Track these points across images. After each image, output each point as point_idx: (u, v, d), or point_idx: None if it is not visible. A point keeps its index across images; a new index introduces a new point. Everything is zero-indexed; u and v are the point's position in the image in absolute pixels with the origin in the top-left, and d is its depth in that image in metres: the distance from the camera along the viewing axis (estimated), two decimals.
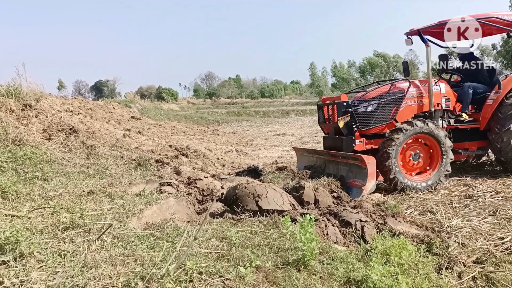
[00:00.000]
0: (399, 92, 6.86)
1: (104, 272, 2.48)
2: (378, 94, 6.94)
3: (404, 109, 6.82)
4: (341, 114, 6.76)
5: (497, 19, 6.79)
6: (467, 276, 3.32)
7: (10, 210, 3.45)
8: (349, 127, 6.74)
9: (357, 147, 6.67)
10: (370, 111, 6.83)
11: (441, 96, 7.07)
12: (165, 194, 4.63)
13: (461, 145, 7.11)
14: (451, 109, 7.21)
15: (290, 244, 3.25)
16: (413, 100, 6.90)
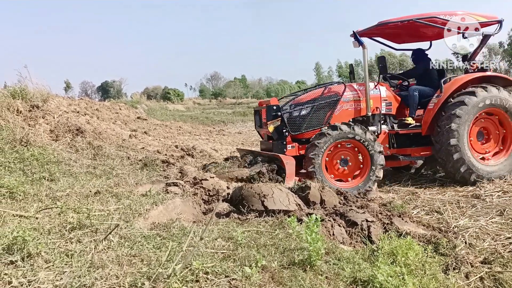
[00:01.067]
0: (334, 96, 6.72)
1: (111, 272, 2.49)
2: (312, 97, 6.80)
3: (340, 113, 6.66)
4: (271, 118, 6.59)
5: (438, 19, 6.55)
6: (474, 276, 3.30)
7: (18, 211, 3.48)
8: (279, 132, 6.56)
9: (289, 152, 6.48)
10: (302, 115, 6.70)
11: (381, 100, 6.84)
12: (171, 194, 4.64)
13: (403, 150, 6.87)
14: (393, 113, 6.98)
15: (296, 244, 3.25)
16: (350, 104, 6.73)
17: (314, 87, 7.20)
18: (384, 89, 6.97)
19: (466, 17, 6.55)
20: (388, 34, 7.64)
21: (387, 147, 6.79)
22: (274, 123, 6.57)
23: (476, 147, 6.67)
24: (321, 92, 6.79)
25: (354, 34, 6.70)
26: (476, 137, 6.68)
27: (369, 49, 7.86)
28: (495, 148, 6.77)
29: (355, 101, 6.75)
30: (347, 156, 6.33)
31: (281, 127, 6.56)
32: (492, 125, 6.75)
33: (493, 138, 6.76)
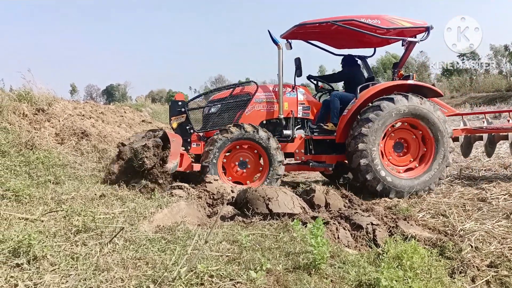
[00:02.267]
0: (245, 96, 6.60)
1: (116, 275, 2.50)
2: (222, 96, 6.69)
3: (251, 113, 6.54)
4: (175, 114, 6.41)
5: (358, 23, 6.28)
6: (480, 280, 3.28)
7: (24, 214, 3.50)
8: (182, 129, 6.38)
9: (193, 150, 6.36)
10: (211, 113, 6.59)
11: (297, 103, 6.68)
12: (175, 197, 4.65)
13: (318, 157, 6.67)
14: (311, 118, 6.81)
15: (301, 247, 3.24)
16: (262, 105, 6.58)
17: (227, 86, 6.98)
18: (302, 92, 6.81)
19: (390, 22, 6.31)
20: (325, 38, 7.40)
21: (303, 152, 6.61)
22: (178, 119, 6.38)
23: (391, 158, 6.38)
24: (232, 91, 6.65)
25: (269, 34, 6.41)
26: (394, 148, 6.39)
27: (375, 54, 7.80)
28: (412, 162, 6.41)
29: (267, 102, 6.59)
30: (246, 158, 6.17)
31: (186, 124, 6.40)
32: (413, 139, 6.41)
33: (412, 151, 6.40)
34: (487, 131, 7.07)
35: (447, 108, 7.30)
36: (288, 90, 6.71)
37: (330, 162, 6.61)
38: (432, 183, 6.20)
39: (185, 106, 6.42)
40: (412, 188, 6.09)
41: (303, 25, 6.44)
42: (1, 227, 3.10)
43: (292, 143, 6.60)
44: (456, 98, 28.35)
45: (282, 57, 6.46)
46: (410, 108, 6.10)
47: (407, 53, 6.84)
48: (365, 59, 7.76)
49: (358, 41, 7.37)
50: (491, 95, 26.28)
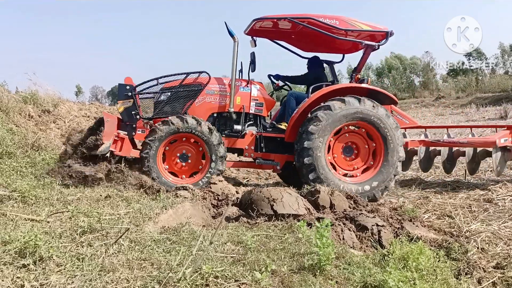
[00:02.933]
0: (196, 86, 6.42)
1: (121, 276, 2.51)
2: (173, 84, 6.48)
3: (201, 104, 6.39)
4: (122, 98, 6.22)
5: (315, 21, 6.09)
6: (487, 281, 3.26)
7: (30, 215, 3.52)
8: (129, 114, 6.20)
9: (138, 136, 6.22)
10: (159, 100, 6.43)
11: (250, 98, 6.52)
12: (180, 198, 4.66)
13: (267, 155, 6.51)
14: (264, 115, 6.66)
15: (306, 248, 3.24)
16: (213, 97, 6.42)
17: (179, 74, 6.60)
18: (256, 88, 6.63)
19: (349, 23, 6.16)
20: (292, 39, 7.25)
21: (253, 149, 6.48)
22: (124, 103, 6.21)
23: (340, 162, 6.20)
24: (183, 80, 6.44)
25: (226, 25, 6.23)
26: (344, 151, 6.22)
27: (378, 54, 7.71)
28: (363, 164, 6.21)
29: (219, 95, 6.45)
30: (189, 152, 6.03)
31: (132, 109, 6.22)
32: (363, 144, 6.21)
33: (362, 156, 6.21)
34: (444, 145, 6.92)
35: (409, 120, 7.10)
36: (242, 84, 6.56)
37: (278, 161, 6.50)
38: (378, 191, 5.98)
39: (132, 91, 6.22)
40: (357, 192, 5.80)
41: (260, 20, 6.26)
42: (7, 228, 3.12)
43: (242, 139, 6.49)
44: (462, 99, 28.23)
45: (237, 50, 6.29)
46: (361, 112, 5.92)
47: (365, 57, 6.62)
48: (332, 64, 7.60)
49: (325, 46, 7.23)
50: (497, 96, 26.13)
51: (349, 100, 5.95)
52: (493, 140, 6.32)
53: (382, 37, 6.42)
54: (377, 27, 6.34)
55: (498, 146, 6.24)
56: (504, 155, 6.36)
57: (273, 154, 6.53)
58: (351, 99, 5.97)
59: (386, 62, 41.27)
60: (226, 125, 6.54)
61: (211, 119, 6.46)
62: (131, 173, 5.37)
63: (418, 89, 35.81)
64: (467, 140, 6.83)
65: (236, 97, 6.44)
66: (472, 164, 6.84)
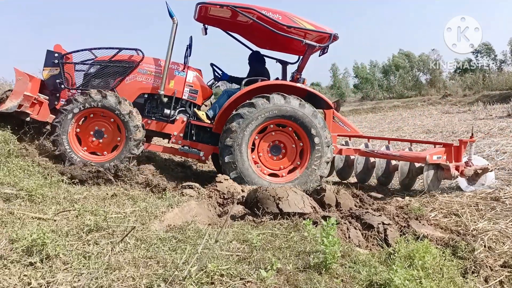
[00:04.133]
0: (129, 63, 6.28)
1: (127, 274, 2.52)
2: (105, 58, 6.29)
3: (131, 83, 6.23)
4: (49, 65, 6.01)
5: (257, 13, 5.93)
6: (493, 280, 3.24)
7: (37, 213, 3.54)
8: (54, 82, 6.04)
9: (60, 106, 5.95)
10: (88, 73, 6.25)
11: (184, 83, 6.37)
12: (186, 197, 4.67)
13: (194, 144, 6.35)
14: (197, 103, 6.51)
15: (311, 247, 3.23)
16: (145, 76, 6.27)
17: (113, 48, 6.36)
18: (193, 74, 6.49)
19: (292, 20, 6.04)
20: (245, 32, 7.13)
21: (181, 136, 6.36)
22: (51, 71, 6.02)
23: (266, 161, 6.10)
24: (114, 55, 6.25)
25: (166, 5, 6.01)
26: (270, 150, 6.07)
27: (386, 52, 7.63)
28: (290, 164, 6.12)
29: (153, 76, 6.28)
30: (103, 127, 5.86)
31: (57, 78, 6.05)
32: (289, 140, 6.12)
33: (289, 156, 6.11)
34: (377, 156, 6.72)
35: (351, 128, 6.85)
36: (178, 68, 6.42)
37: (204, 151, 6.32)
38: None
39: (60, 59, 6.03)
40: None
41: (203, 4, 6.09)
42: (15, 226, 3.14)
43: (171, 125, 6.36)
44: (469, 97, 27.98)
45: (175, 32, 6.13)
46: (286, 109, 5.85)
47: (306, 56, 6.46)
48: (286, 64, 7.45)
49: (278, 44, 7.12)
50: (505, 93, 25.86)
51: (274, 97, 5.85)
52: (423, 156, 6.18)
53: (325, 39, 6.30)
54: (321, 27, 6.21)
55: (429, 163, 6.09)
56: (437, 173, 6.19)
57: (201, 144, 6.39)
58: (276, 96, 5.87)
59: (393, 60, 40.97)
60: (157, 108, 6.38)
61: (141, 100, 6.32)
62: (138, 172, 5.41)
63: (425, 87, 35.53)
64: (400, 153, 6.67)
65: (170, 81, 6.29)
66: (406, 180, 6.67)
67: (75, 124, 5.72)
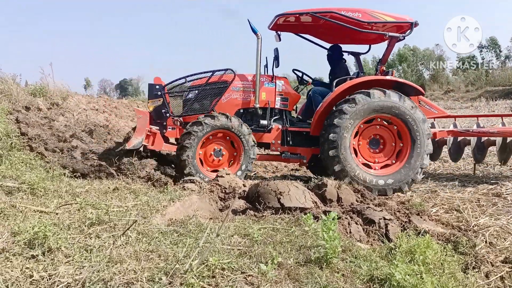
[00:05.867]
0: (222, 83, 6.60)
1: (129, 267, 2.52)
2: (199, 83, 6.67)
3: (227, 101, 6.55)
4: (152, 97, 6.46)
5: (337, 15, 6.13)
6: (494, 276, 3.24)
7: (39, 206, 3.55)
8: (159, 112, 6.42)
9: (169, 133, 6.43)
10: (187, 99, 6.60)
11: (275, 94, 6.62)
12: (188, 191, 4.68)
13: (293, 149, 6.64)
14: (289, 110, 6.76)
15: (312, 241, 3.24)
16: (239, 93, 6.58)
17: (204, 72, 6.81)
18: (281, 83, 6.71)
19: (372, 16, 6.13)
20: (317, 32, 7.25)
21: (279, 143, 6.62)
22: (154, 102, 6.45)
23: (364, 152, 6.24)
24: (209, 78, 6.61)
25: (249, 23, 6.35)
26: (370, 144, 6.24)
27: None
28: (386, 160, 6.24)
29: (244, 91, 6.59)
30: (221, 146, 6.20)
31: (162, 108, 6.43)
32: (390, 137, 6.23)
33: (387, 149, 6.24)
34: (473, 134, 6.76)
35: (437, 109, 7.01)
36: (267, 80, 6.65)
37: (304, 155, 6.61)
38: (404, 183, 5.99)
39: (161, 90, 6.42)
40: (382, 185, 5.94)
41: (282, 15, 6.33)
42: (17, 219, 3.15)
43: (268, 134, 6.60)
44: (471, 92, 27.93)
45: (261, 47, 6.38)
46: (387, 104, 5.95)
47: (389, 48, 6.60)
48: (358, 55, 7.62)
49: (350, 38, 7.22)
50: (508, 89, 25.80)
51: (374, 93, 5.97)
52: None
53: (406, 28, 6.40)
54: (401, 18, 6.33)
55: None
56: None
57: (300, 148, 6.65)
58: (376, 91, 6.00)
59: (399, 54, 40.76)
60: (253, 120, 6.65)
61: (238, 115, 6.55)
62: (139, 166, 5.42)
63: (428, 82, 35.38)
64: (497, 130, 6.66)
65: (261, 93, 6.56)
66: (503, 154, 6.71)
67: (201, 145, 6.02)
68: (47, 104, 8.36)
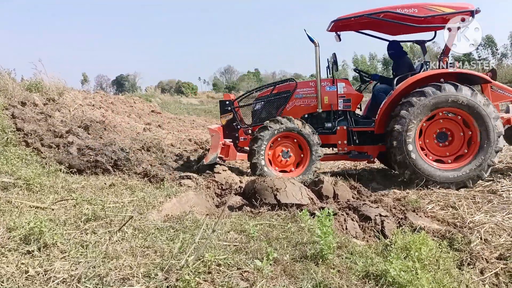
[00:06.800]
0: (285, 92, 6.99)
1: (125, 263, 2.53)
2: (265, 94, 7.18)
3: (291, 109, 6.89)
4: (224, 112, 7.06)
5: (393, 14, 6.21)
6: (489, 272, 3.26)
7: (35, 202, 3.54)
8: (230, 125, 6.99)
9: (241, 143, 6.95)
10: (255, 110, 7.12)
11: (337, 96, 6.80)
12: (184, 187, 4.68)
13: (360, 148, 6.82)
14: (352, 110, 6.91)
15: (308, 237, 3.25)
16: (302, 100, 6.91)
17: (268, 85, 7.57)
18: (342, 85, 6.88)
19: (428, 9, 6.11)
20: (378, 27, 7.27)
21: (346, 143, 6.81)
22: (226, 116, 7.01)
23: (432, 148, 6.26)
24: (273, 89, 7.11)
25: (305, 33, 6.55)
26: (437, 137, 6.24)
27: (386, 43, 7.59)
28: (457, 151, 6.22)
29: (307, 97, 6.90)
30: (288, 148, 6.48)
31: (233, 121, 6.97)
32: (456, 126, 6.21)
33: (455, 144, 6.22)
34: None
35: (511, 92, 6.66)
36: (328, 84, 6.86)
37: (371, 153, 6.80)
38: (469, 180, 5.97)
39: (231, 105, 7.00)
40: (444, 179, 5.99)
41: (339, 20, 6.53)
42: (12, 215, 3.14)
43: (334, 135, 6.84)
44: None
45: (319, 54, 6.65)
46: (458, 98, 5.90)
47: (451, 38, 6.50)
48: (423, 43, 7.52)
49: (413, 27, 7.00)
50: None
51: (445, 86, 5.96)
52: None
53: (467, 16, 6.30)
54: (461, 7, 6.26)
55: None
56: None
57: (366, 146, 6.82)
58: (447, 85, 5.98)
59: None
60: (318, 124, 6.92)
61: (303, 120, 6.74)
62: (136, 162, 5.41)
63: None
64: None
65: (324, 97, 6.80)
66: None
67: (268, 147, 6.40)
68: (43, 99, 8.32)
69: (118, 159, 5.32)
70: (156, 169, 5.52)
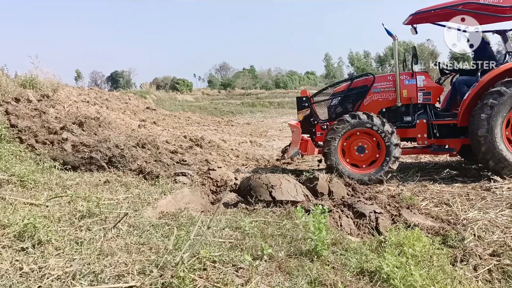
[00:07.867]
0: (362, 87, 6.95)
1: (119, 260, 2.52)
2: (341, 89, 7.15)
3: (369, 103, 6.86)
4: (300, 108, 7.16)
5: (476, 5, 6.13)
6: (482, 268, 3.29)
7: (29, 199, 3.53)
8: (307, 121, 7.09)
9: (318, 138, 7.04)
10: (332, 105, 7.14)
11: (417, 89, 6.74)
12: (179, 184, 4.67)
13: (441, 141, 6.74)
14: (432, 103, 6.84)
15: (303, 234, 3.26)
16: (380, 94, 6.86)
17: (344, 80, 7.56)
18: (421, 78, 6.80)
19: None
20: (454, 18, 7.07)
21: (425, 137, 6.73)
22: (303, 112, 7.13)
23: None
24: (350, 84, 7.07)
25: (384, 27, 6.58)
26: None
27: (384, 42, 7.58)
28: None
29: (385, 91, 6.84)
30: (365, 144, 6.45)
31: (310, 117, 7.08)
32: None
33: None
34: None
35: None
36: (406, 77, 6.82)
37: (453, 146, 6.69)
38: None
39: (308, 101, 7.09)
40: None
41: (418, 13, 6.51)
42: (6, 212, 3.13)
43: (413, 129, 6.76)
44: None
45: (397, 48, 6.78)
46: None
47: None
48: (504, 33, 7.27)
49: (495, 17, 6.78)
50: None
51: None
52: None
53: None
54: None
55: None
56: None
57: (447, 139, 6.72)
58: None
59: (390, 49, 40.88)
60: (397, 118, 6.83)
61: (381, 114, 6.72)
62: (131, 159, 5.39)
63: None
64: None
65: (403, 91, 6.74)
66: None
67: (341, 145, 6.42)
68: (37, 95, 8.26)
69: (113, 155, 5.30)
70: (151, 166, 5.50)
